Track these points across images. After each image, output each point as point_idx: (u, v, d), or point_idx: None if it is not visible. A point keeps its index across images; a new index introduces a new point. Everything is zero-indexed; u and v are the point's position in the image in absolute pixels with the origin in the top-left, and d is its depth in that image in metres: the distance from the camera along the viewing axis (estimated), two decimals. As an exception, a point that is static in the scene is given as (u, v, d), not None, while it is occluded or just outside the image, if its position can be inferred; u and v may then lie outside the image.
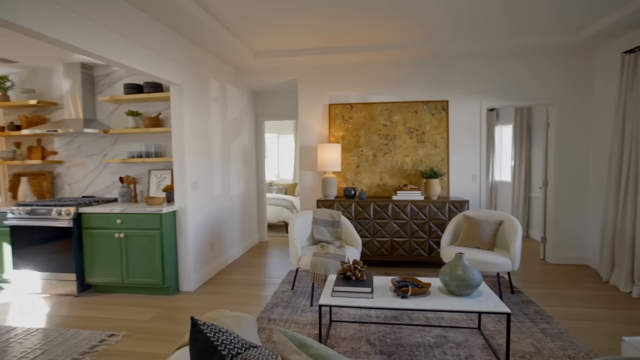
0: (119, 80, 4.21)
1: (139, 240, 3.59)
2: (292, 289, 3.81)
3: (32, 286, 3.80)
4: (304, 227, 3.85)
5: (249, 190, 5.62)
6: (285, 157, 9.12)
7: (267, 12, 3.22)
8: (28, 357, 2.56)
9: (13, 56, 3.88)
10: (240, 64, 4.76)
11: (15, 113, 4.51)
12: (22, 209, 3.72)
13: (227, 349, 1.18)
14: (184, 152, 3.71)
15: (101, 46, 2.59)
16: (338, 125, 4.82)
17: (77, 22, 2.39)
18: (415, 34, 3.88)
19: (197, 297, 3.67)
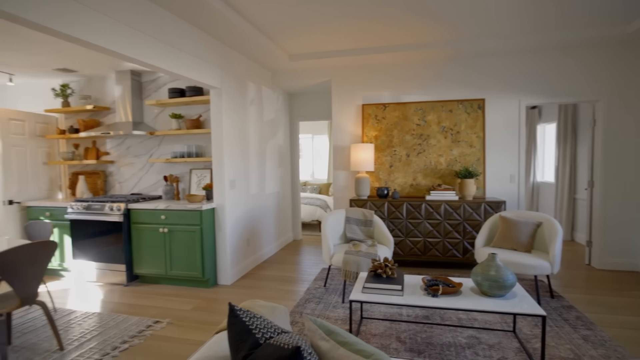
0: (163, 85, 4.50)
1: (181, 235, 3.83)
2: (325, 285, 3.89)
3: (88, 275, 4.16)
4: (337, 226, 3.92)
5: (284, 189, 5.77)
6: (319, 157, 9.24)
7: (301, 16, 3.33)
8: (86, 337, 2.83)
9: (73, 66, 4.26)
10: (276, 67, 4.91)
11: (75, 117, 4.94)
12: (79, 204, 4.08)
13: (261, 333, 1.28)
14: (223, 152, 3.91)
15: (148, 54, 2.81)
16: (371, 125, 4.85)
17: (127, 32, 2.62)
18: (448, 33, 3.84)
19: (234, 291, 3.85)
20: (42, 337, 2.87)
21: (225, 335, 1.59)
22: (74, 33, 2.20)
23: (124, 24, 2.58)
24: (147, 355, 2.60)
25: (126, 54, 2.59)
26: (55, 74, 4.58)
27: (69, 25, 2.18)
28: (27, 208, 4.39)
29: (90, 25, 2.31)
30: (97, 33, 2.36)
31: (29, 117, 4.58)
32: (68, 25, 2.17)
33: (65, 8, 2.16)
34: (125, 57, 2.64)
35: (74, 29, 2.21)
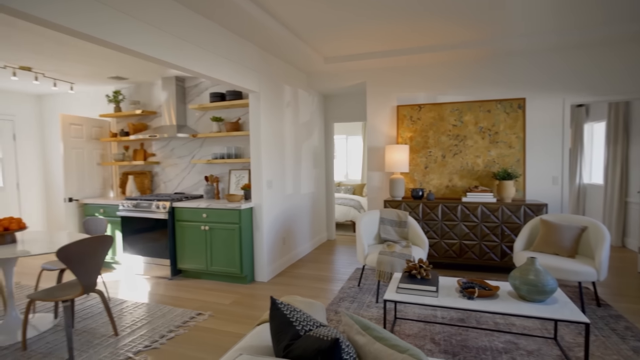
0: (205, 90, 4.73)
1: (221, 233, 4.02)
2: (359, 285, 3.94)
3: (136, 268, 4.46)
4: (371, 226, 3.96)
5: (319, 189, 5.87)
6: (353, 158, 9.27)
7: (336, 21, 3.40)
8: (137, 325, 3.06)
9: (125, 74, 4.59)
10: (311, 69, 5.02)
11: (125, 121, 5.31)
12: (129, 202, 4.39)
13: (301, 325, 1.37)
14: (261, 154, 4.06)
15: (192, 61, 3.00)
16: (406, 127, 4.83)
17: (173, 42, 2.81)
18: (485, 32, 3.76)
19: (270, 287, 3.99)
20: (99, 322, 3.14)
21: (265, 327, 1.69)
22: (126, 44, 2.40)
23: (170, 33, 2.77)
24: (191, 344, 2.77)
25: (172, 61, 2.78)
26: (109, 81, 4.95)
27: (122, 37, 2.38)
28: (84, 205, 4.78)
29: (139, 36, 2.51)
30: (146, 43, 2.56)
31: (86, 122, 4.97)
32: (121, 37, 2.37)
33: (118, 22, 2.36)
34: (171, 64, 2.82)
35: (126, 41, 2.41)
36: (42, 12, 1.91)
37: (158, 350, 2.69)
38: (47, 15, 1.93)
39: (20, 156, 5.80)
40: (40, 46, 3.54)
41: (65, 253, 2.49)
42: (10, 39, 3.32)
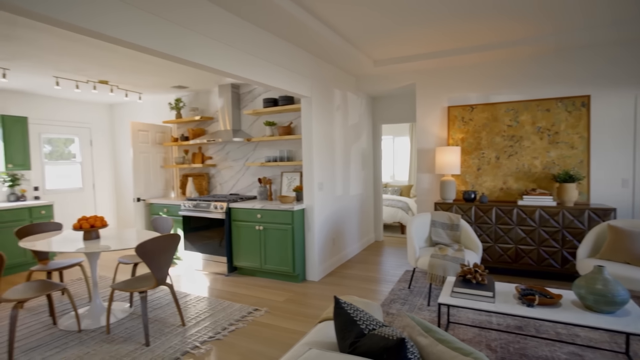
0: (258, 96, 4.96)
1: (275, 233, 4.20)
2: (409, 287, 3.94)
3: (196, 264, 4.78)
4: (422, 229, 3.94)
5: (367, 191, 5.91)
6: (400, 159, 9.18)
7: (388, 25, 3.43)
8: (201, 317, 3.31)
9: (185, 83, 4.94)
10: (360, 73, 5.07)
11: (185, 127, 5.70)
12: (189, 202, 4.72)
13: (365, 324, 1.45)
14: (312, 157, 4.19)
15: (247, 70, 3.18)
16: (457, 128, 4.74)
17: (230, 52, 3.01)
18: (543, 26, 3.60)
19: (321, 287, 4.11)
20: (168, 313, 3.43)
21: (327, 324, 1.79)
22: (190, 57, 2.62)
23: (229, 45, 2.97)
24: (251, 337, 2.95)
25: (231, 72, 2.97)
26: (171, 90, 5.35)
27: (187, 51, 2.60)
28: (150, 205, 5.20)
29: (201, 49, 2.73)
30: (207, 56, 2.77)
31: (151, 128, 5.41)
32: (186, 51, 2.59)
33: (184, 37, 2.59)
34: (230, 74, 3.02)
35: (190, 54, 2.63)
36: (128, 36, 2.16)
37: (221, 341, 2.90)
38: (131, 38, 2.18)
39: (96, 160, 6.42)
40: (117, 62, 3.92)
41: (143, 249, 2.77)
42: (93, 57, 3.72)
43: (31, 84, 4.81)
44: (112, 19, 2.07)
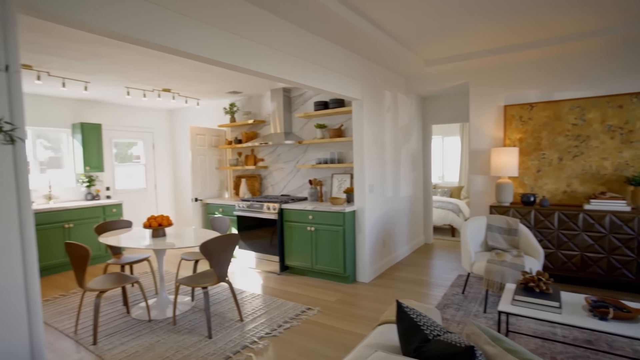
0: (309, 99, 5.07)
1: (326, 234, 4.28)
2: (463, 292, 3.84)
3: (249, 262, 4.99)
4: (477, 233, 3.82)
5: (416, 192, 5.82)
6: (450, 159, 8.91)
7: (440, 24, 3.37)
8: (257, 314, 3.46)
9: (239, 88, 5.17)
10: (410, 73, 5.01)
11: (238, 130, 5.96)
12: (244, 203, 4.93)
13: (429, 330, 1.45)
14: (363, 159, 4.21)
15: (300, 75, 3.26)
16: (514, 127, 4.52)
17: (283, 58, 3.11)
18: (613, 17, 3.33)
19: (372, 288, 4.12)
20: (226, 308, 3.62)
21: (387, 327, 1.81)
22: (253, 67, 2.75)
23: (286, 52, 3.08)
24: (305, 335, 3.04)
25: (287, 78, 3.07)
26: (226, 95, 5.63)
27: (250, 62, 2.74)
28: (206, 205, 5.51)
29: (263, 58, 2.85)
30: (268, 64, 2.90)
31: (207, 132, 5.72)
32: (249, 61, 2.73)
33: (247, 48, 2.72)
34: (287, 81, 3.13)
35: (253, 64, 2.76)
36: (202, 50, 2.33)
37: (277, 338, 3.02)
38: (205, 53, 2.35)
39: (157, 162, 6.90)
40: (179, 71, 4.21)
41: (206, 247, 2.96)
42: (159, 68, 4.02)
43: (105, 94, 5.29)
44: (189, 36, 2.24)
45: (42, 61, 3.70)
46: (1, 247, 1.48)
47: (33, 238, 1.57)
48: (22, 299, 1.54)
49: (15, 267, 1.52)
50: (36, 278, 1.58)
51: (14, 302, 1.52)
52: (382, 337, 1.70)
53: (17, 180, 1.51)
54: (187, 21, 2.25)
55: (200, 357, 2.72)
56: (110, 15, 1.85)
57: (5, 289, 1.49)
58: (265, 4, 2.71)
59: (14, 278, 1.52)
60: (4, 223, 1.48)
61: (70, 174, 5.63)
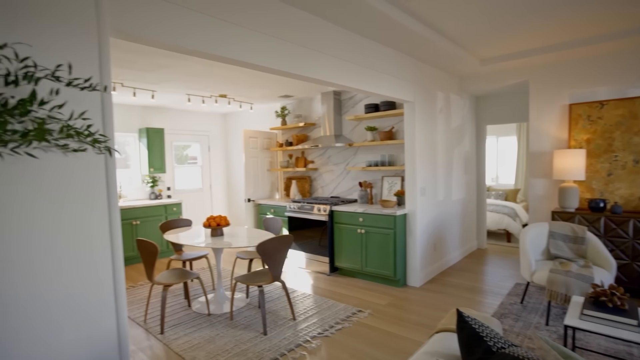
0: (359, 102, 5.09)
1: (376, 236, 4.27)
2: (522, 302, 3.66)
3: (299, 262, 5.11)
4: (538, 240, 3.62)
5: (469, 195, 5.62)
6: (505, 161, 8.48)
7: (496, 21, 3.24)
8: (309, 314, 3.55)
9: (291, 92, 5.31)
10: (464, 73, 4.85)
11: (289, 133, 6.13)
12: (295, 204, 5.06)
13: (492, 342, 1.42)
14: (415, 162, 4.16)
15: (352, 79, 3.28)
16: (581, 128, 4.21)
17: (340, 65, 3.16)
18: None
19: (423, 293, 4.05)
20: (279, 306, 3.75)
21: (445, 336, 1.80)
22: (308, 74, 2.83)
23: (339, 58, 3.13)
24: (357, 337, 3.07)
25: (333, 81, 3.10)
26: (277, 99, 5.81)
27: (306, 69, 2.82)
28: (258, 205, 5.72)
29: (317, 65, 2.92)
30: (322, 70, 2.96)
31: (259, 135, 5.94)
32: (305, 69, 2.81)
33: (304, 56, 2.80)
34: (332, 84, 3.16)
35: (309, 71, 2.84)
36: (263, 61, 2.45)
37: (329, 338, 3.08)
38: (266, 63, 2.47)
39: (212, 163, 7.28)
40: (235, 78, 4.42)
41: (263, 247, 3.09)
42: (217, 76, 4.26)
43: (168, 100, 5.69)
44: (247, 46, 2.37)
45: (117, 74, 4.07)
46: (96, 243, 1.67)
47: (119, 234, 1.75)
48: (111, 289, 1.73)
49: (106, 261, 1.71)
50: (122, 270, 1.77)
51: (106, 292, 1.71)
52: (441, 345, 1.69)
53: (108, 183, 1.70)
54: (246, 33, 2.37)
55: (257, 352, 2.86)
56: (181, 33, 2.01)
57: (100, 281, 1.68)
58: (317, 11, 2.77)
59: (106, 271, 1.70)
60: (98, 222, 1.67)
61: (137, 175, 6.12)
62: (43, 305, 1.52)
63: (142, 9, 1.83)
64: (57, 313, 1.56)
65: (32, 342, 1.49)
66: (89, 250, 1.65)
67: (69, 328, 1.60)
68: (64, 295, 1.58)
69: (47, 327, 1.54)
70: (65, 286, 1.58)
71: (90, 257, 1.65)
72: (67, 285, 1.59)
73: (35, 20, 1.42)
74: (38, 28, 1.43)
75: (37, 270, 1.50)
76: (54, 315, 1.55)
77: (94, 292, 1.67)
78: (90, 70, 1.58)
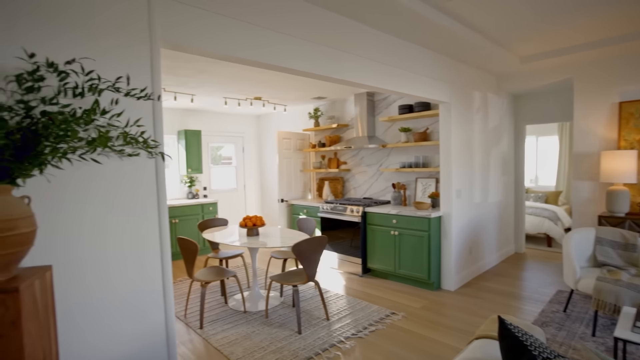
0: (393, 102, 5.05)
1: (410, 238, 4.23)
2: (565, 311, 3.50)
3: (331, 262, 5.14)
4: (583, 246, 3.46)
5: (507, 198, 5.44)
6: (545, 161, 8.12)
7: (538, 17, 3.12)
8: (342, 314, 3.58)
9: (324, 94, 5.36)
10: (502, 71, 4.70)
11: (322, 134, 6.18)
12: (328, 205, 5.10)
13: (537, 351, 1.39)
14: (451, 163, 4.08)
15: (390, 82, 3.28)
16: (633, 127, 3.97)
17: (374, 67, 3.16)
18: None
19: (458, 297, 3.97)
20: (312, 306, 3.80)
21: (485, 342, 1.76)
22: (343, 76, 2.86)
23: (373, 60, 3.13)
24: (391, 340, 3.07)
25: (367, 83, 3.09)
26: (311, 101, 5.87)
27: (340, 72, 2.85)
28: (291, 205, 5.81)
29: (351, 68, 2.94)
30: (356, 73, 2.98)
31: (292, 136, 6.03)
32: (339, 72, 2.84)
33: (338, 59, 2.83)
34: (367, 86, 3.16)
35: (343, 74, 2.87)
36: (299, 65, 2.50)
37: (363, 339, 3.09)
38: (301, 67, 2.52)
39: (246, 164, 7.47)
40: (270, 81, 4.52)
41: (298, 248, 3.15)
42: (253, 79, 4.37)
43: (205, 103, 5.90)
44: (285, 52, 2.43)
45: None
46: (146, 242, 1.78)
47: (167, 234, 1.86)
48: (160, 286, 1.83)
49: (155, 260, 1.81)
50: (169, 269, 1.87)
51: (155, 289, 1.82)
52: (482, 352, 1.66)
53: (158, 185, 1.81)
54: (283, 38, 2.43)
55: (292, 350, 2.92)
56: (225, 42, 2.09)
57: (150, 278, 1.79)
58: (351, 13, 2.78)
59: (155, 269, 1.81)
60: (148, 222, 1.78)
61: (175, 175, 6.39)
62: (101, 300, 1.64)
63: (192, 22, 1.92)
64: (113, 308, 1.68)
65: (93, 332, 1.62)
66: (140, 249, 1.76)
67: (123, 322, 1.71)
68: (119, 291, 1.70)
69: (105, 320, 1.66)
70: (123, 283, 1.70)
71: (141, 255, 1.76)
72: (124, 283, 1.70)
73: (96, 37, 1.54)
74: (98, 43, 1.55)
75: (96, 269, 1.62)
76: (110, 309, 1.67)
77: (144, 289, 1.78)
78: (144, 80, 1.69)
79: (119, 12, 1.61)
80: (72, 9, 1.48)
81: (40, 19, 1.40)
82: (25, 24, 1.37)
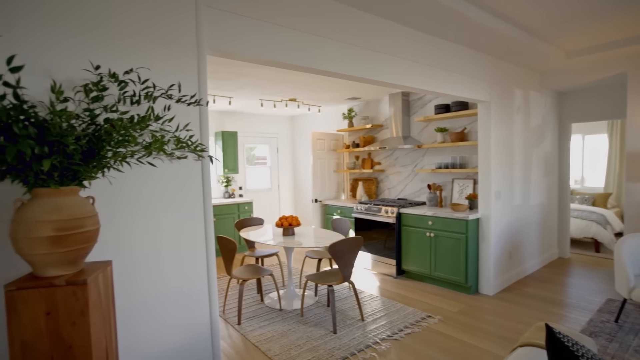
0: (429, 102, 4.96)
1: (446, 241, 4.15)
2: (616, 321, 3.31)
3: (365, 263, 5.13)
4: (638, 252, 3.24)
5: (550, 200, 5.19)
6: (592, 161, 7.66)
7: (583, 10, 2.95)
8: (377, 315, 3.57)
9: (358, 94, 5.36)
10: (546, 67, 4.49)
11: (356, 134, 6.18)
12: (362, 206, 5.10)
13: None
14: (490, 164, 3.96)
15: (422, 81, 3.22)
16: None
17: (412, 68, 3.13)
18: None
19: (497, 302, 3.84)
20: (347, 306, 3.82)
21: (530, 351, 1.71)
22: (381, 78, 2.86)
23: (411, 60, 3.10)
24: (427, 343, 3.03)
25: (405, 84, 3.06)
26: (345, 102, 5.89)
27: (379, 74, 2.84)
28: (325, 205, 5.85)
29: (390, 69, 2.93)
30: (395, 74, 2.97)
31: (326, 137, 6.07)
32: (378, 74, 2.84)
33: (376, 61, 2.83)
34: (404, 87, 3.13)
35: (382, 76, 2.86)
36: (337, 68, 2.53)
37: (399, 342, 3.07)
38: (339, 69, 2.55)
39: (280, 164, 7.60)
40: (304, 83, 4.58)
41: (334, 248, 3.18)
42: (288, 81, 4.45)
43: (242, 105, 6.06)
44: (325, 55, 2.46)
45: (199, 83, 4.45)
46: (193, 241, 1.87)
47: (212, 233, 1.94)
48: (205, 283, 1.93)
49: (201, 258, 1.91)
50: (214, 266, 1.96)
51: (200, 286, 1.91)
52: None
53: (204, 186, 1.90)
54: (324, 42, 2.46)
55: (328, 349, 2.95)
56: (269, 48, 2.16)
57: (196, 276, 1.89)
58: (389, 14, 2.77)
59: (201, 267, 1.90)
60: (195, 222, 1.87)
61: (213, 175, 6.61)
62: (152, 294, 1.75)
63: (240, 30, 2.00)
64: (164, 302, 1.78)
65: (144, 325, 1.73)
66: (188, 248, 1.86)
67: (172, 315, 1.82)
68: (170, 286, 1.80)
69: (157, 313, 1.76)
70: (173, 279, 1.80)
71: (190, 254, 1.86)
72: (174, 278, 1.80)
73: (150, 47, 1.64)
74: (152, 53, 1.65)
75: (149, 265, 1.73)
76: (161, 303, 1.78)
77: (192, 285, 1.88)
78: (192, 86, 1.78)
79: (169, 24, 1.71)
80: (127, 23, 1.59)
81: (101, 35, 1.52)
82: (89, 38, 1.49)
